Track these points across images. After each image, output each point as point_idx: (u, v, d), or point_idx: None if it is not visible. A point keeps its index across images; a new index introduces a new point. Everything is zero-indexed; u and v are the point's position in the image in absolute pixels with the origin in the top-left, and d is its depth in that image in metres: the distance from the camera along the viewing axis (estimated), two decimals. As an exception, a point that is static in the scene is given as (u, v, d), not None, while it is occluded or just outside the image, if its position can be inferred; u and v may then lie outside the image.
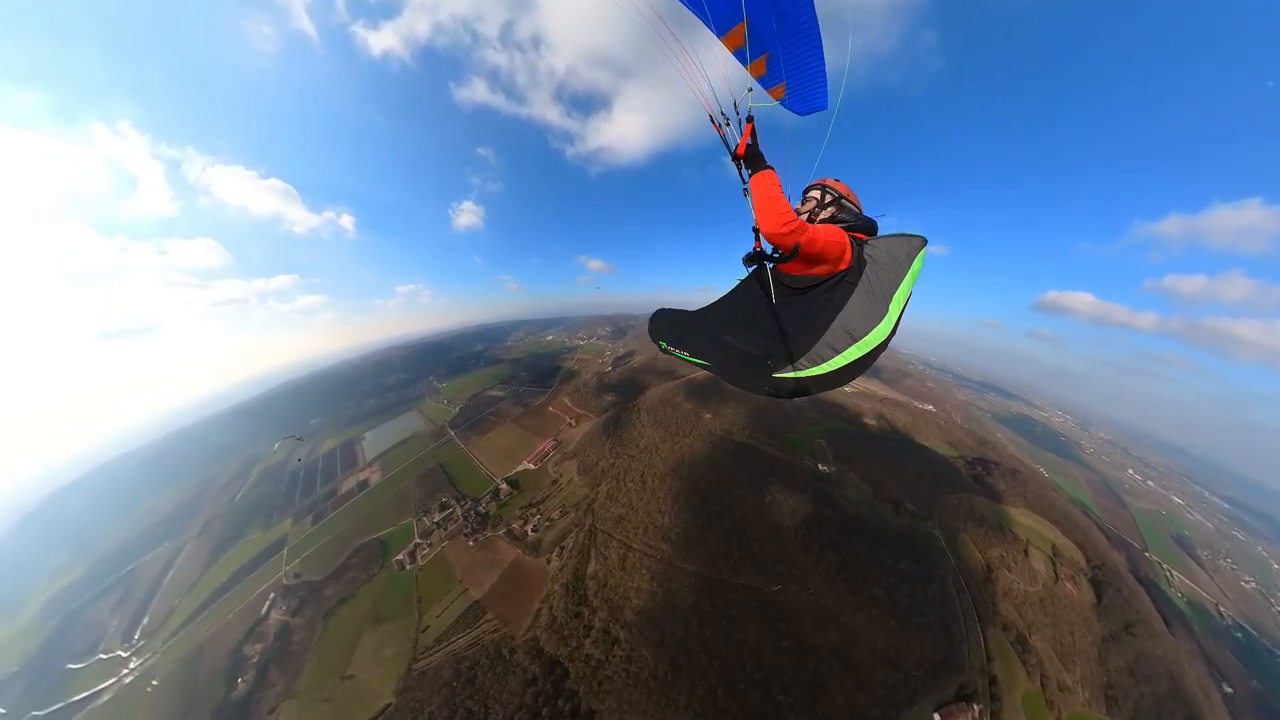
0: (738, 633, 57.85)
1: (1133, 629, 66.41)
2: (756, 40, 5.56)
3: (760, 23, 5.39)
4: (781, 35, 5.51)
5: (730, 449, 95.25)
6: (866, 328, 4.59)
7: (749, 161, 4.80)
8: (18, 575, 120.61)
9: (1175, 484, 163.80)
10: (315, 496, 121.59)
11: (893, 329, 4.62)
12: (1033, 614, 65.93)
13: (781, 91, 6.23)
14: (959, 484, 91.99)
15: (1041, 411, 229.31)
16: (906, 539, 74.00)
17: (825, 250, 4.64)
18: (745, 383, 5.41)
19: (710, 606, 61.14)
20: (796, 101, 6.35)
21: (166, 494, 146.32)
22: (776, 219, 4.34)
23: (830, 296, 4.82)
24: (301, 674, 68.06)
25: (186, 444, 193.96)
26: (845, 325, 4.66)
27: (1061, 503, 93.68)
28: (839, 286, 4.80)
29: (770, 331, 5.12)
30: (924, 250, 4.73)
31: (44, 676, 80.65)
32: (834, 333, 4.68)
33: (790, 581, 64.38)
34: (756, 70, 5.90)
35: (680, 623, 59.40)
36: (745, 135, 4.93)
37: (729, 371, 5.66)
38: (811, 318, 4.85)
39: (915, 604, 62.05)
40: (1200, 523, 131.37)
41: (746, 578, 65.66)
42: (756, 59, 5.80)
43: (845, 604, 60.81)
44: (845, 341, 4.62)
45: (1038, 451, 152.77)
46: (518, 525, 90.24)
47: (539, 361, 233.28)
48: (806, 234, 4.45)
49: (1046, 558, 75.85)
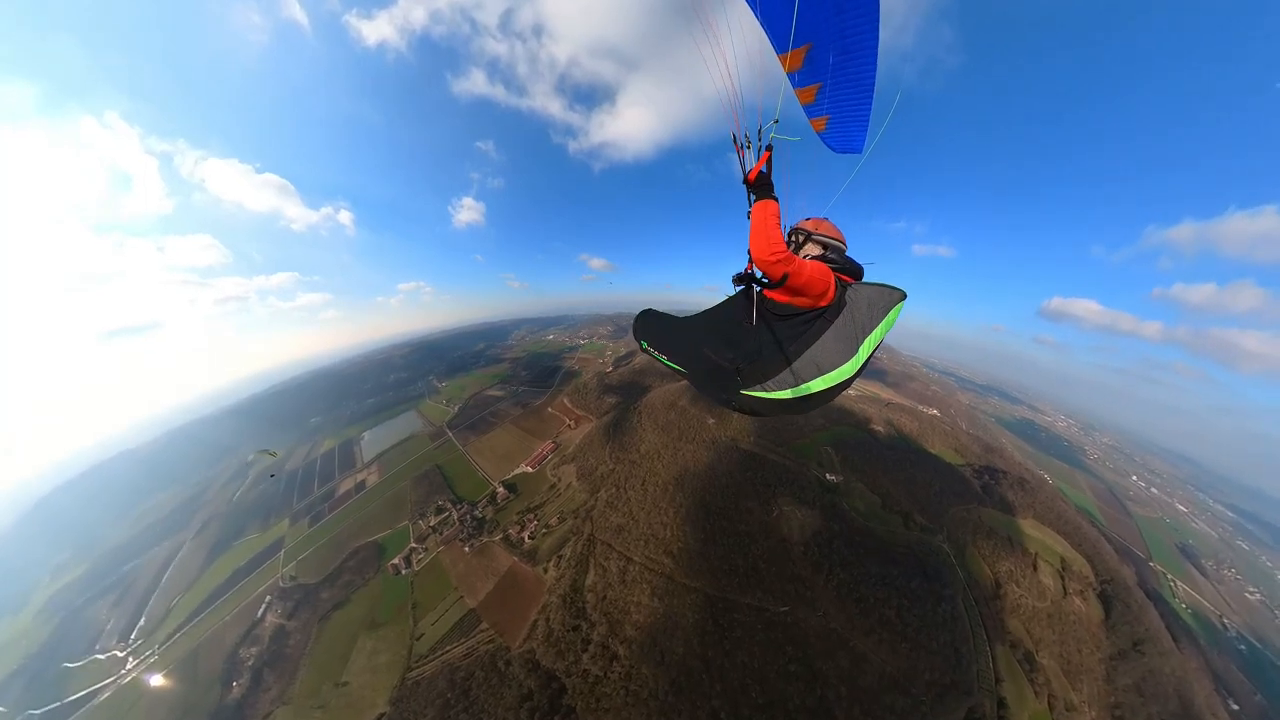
0: (742, 654, 56.30)
1: (1141, 646, 65.03)
2: (813, 68, 5.65)
3: (822, 52, 5.46)
4: (838, 71, 5.54)
5: (735, 457, 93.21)
6: (834, 364, 4.86)
7: (757, 187, 4.97)
8: (21, 573, 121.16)
9: (1179, 491, 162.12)
10: (313, 497, 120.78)
11: (858, 370, 4.87)
12: (1040, 630, 64.60)
13: (824, 124, 6.29)
14: (968, 494, 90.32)
15: (1045, 416, 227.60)
16: (917, 555, 72.28)
17: (809, 284, 4.83)
18: (712, 393, 5.74)
19: (714, 626, 59.45)
20: (835, 138, 6.38)
21: (166, 493, 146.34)
22: (767, 247, 4.54)
23: (808, 328, 5.06)
24: (296, 679, 67.32)
25: (187, 443, 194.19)
26: (815, 358, 4.93)
27: (1070, 514, 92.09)
28: (817, 321, 5.03)
29: (746, 350, 5.40)
30: (901, 304, 4.88)
31: (42, 675, 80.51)
32: (804, 363, 4.96)
33: (799, 602, 62.50)
34: (805, 97, 6.01)
35: (682, 641, 57.95)
36: (760, 162, 5.14)
37: (700, 380, 6.03)
38: (786, 345, 5.11)
39: (926, 625, 60.36)
40: (1205, 531, 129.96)
41: (753, 597, 63.64)
42: (809, 85, 5.88)
43: (855, 626, 59.11)
44: (812, 372, 4.92)
45: (1042, 457, 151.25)
46: (515, 531, 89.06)
47: (539, 361, 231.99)
48: (794, 265, 4.62)
49: (1055, 571, 74.45)
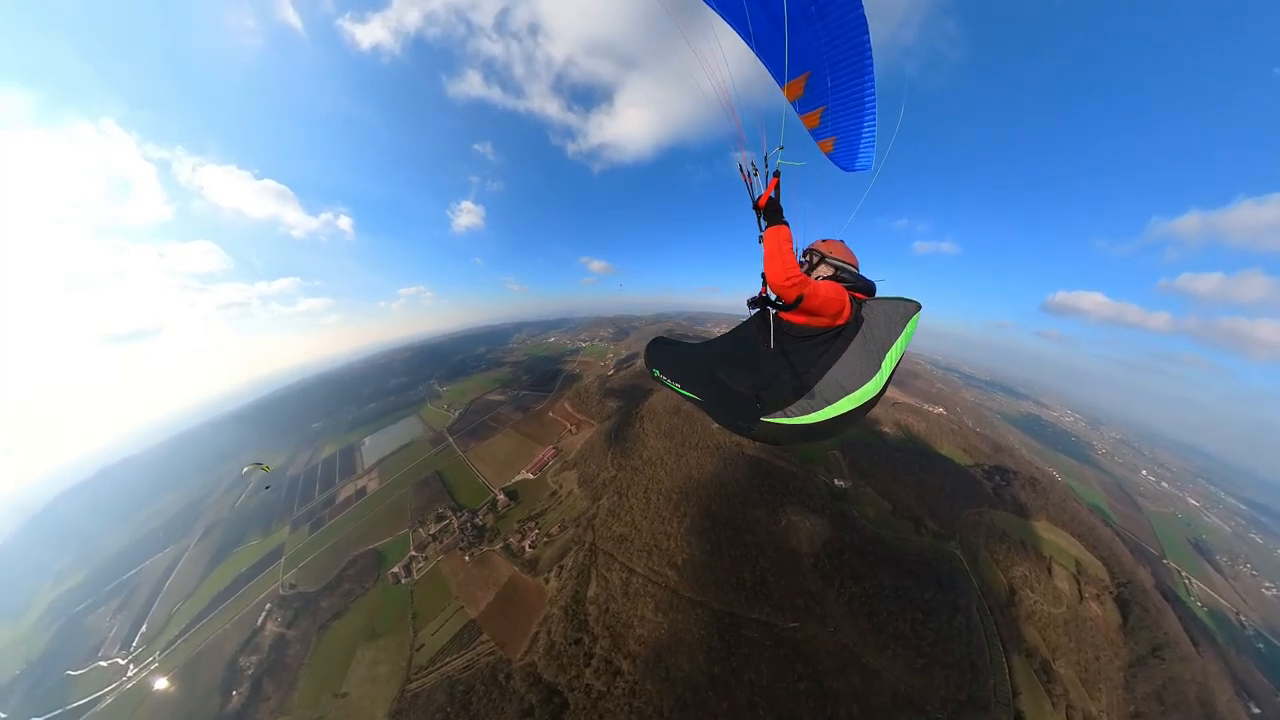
0: (750, 672, 54.43)
1: (1161, 652, 63.10)
2: (814, 94, 5.65)
3: (820, 78, 5.47)
4: (837, 94, 5.57)
5: (741, 463, 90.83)
6: (859, 382, 4.75)
7: (768, 213, 5.05)
8: (23, 578, 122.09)
9: (1191, 485, 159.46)
10: (314, 504, 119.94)
11: (883, 386, 4.81)
12: (1057, 638, 62.69)
13: (831, 146, 6.32)
14: (979, 497, 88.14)
15: (1051, 411, 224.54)
16: (930, 563, 70.22)
17: (825, 304, 4.87)
18: (730, 422, 5.56)
19: (720, 642, 57.52)
20: (843, 158, 6.41)
21: (169, 498, 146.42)
22: (782, 272, 4.58)
23: (827, 348, 5.00)
24: (295, 689, 66.40)
25: (190, 448, 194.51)
26: (838, 378, 4.82)
27: (1083, 514, 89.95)
28: (836, 340, 5.00)
29: (764, 374, 5.31)
30: (917, 314, 4.98)
31: (45, 682, 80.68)
32: (826, 384, 4.83)
33: (809, 617, 60.28)
34: (811, 121, 6.00)
35: (687, 657, 56.14)
36: (769, 189, 5.21)
37: (716, 408, 5.82)
38: (807, 366, 5.02)
39: (940, 639, 58.33)
40: (1218, 526, 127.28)
41: (761, 612, 61.43)
42: (813, 110, 5.87)
43: (867, 641, 57.01)
44: (838, 393, 4.78)
45: (1050, 453, 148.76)
46: (515, 540, 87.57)
47: (540, 364, 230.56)
48: (809, 288, 4.67)
49: (1070, 575, 72.44)
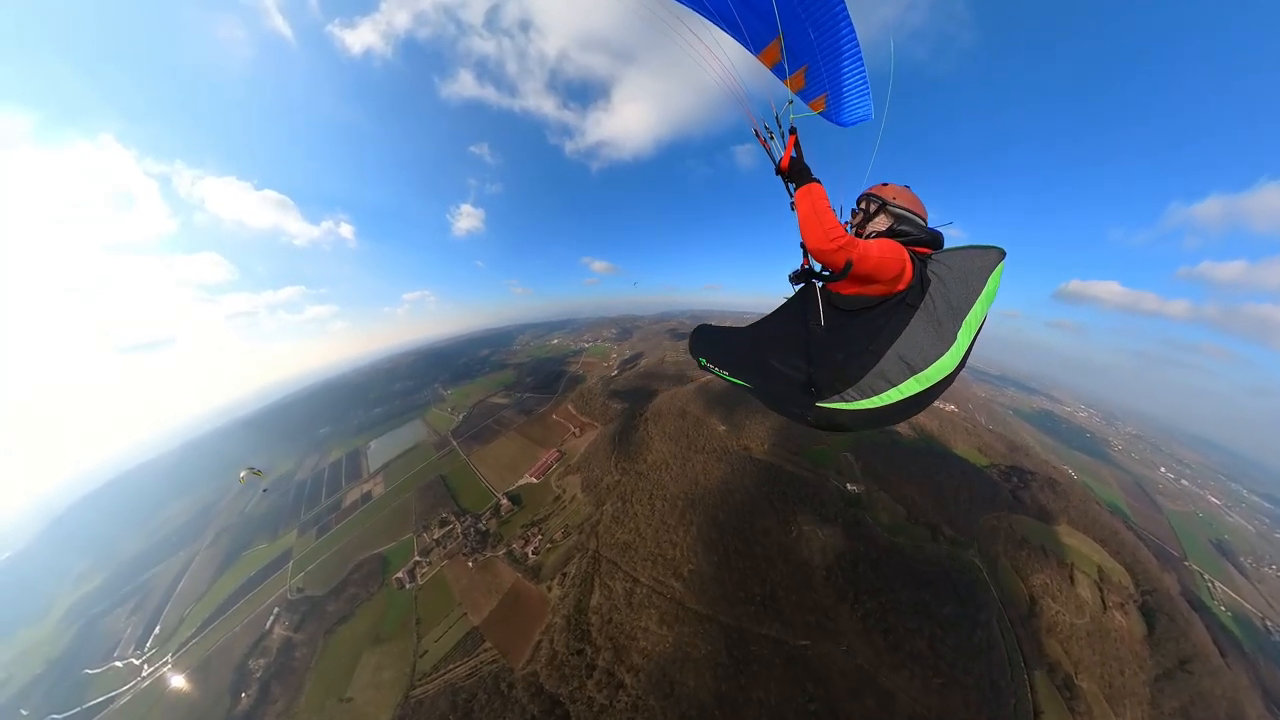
0: (758, 691, 52.49)
1: (1188, 665, 60.25)
2: (793, 55, 5.37)
3: (795, 37, 5.16)
4: (818, 47, 5.19)
5: (750, 469, 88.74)
6: (929, 359, 4.02)
7: (794, 175, 4.55)
8: (44, 582, 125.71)
9: (1211, 482, 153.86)
10: (320, 508, 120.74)
11: (961, 361, 4.07)
12: (1079, 650, 60.05)
13: (823, 104, 5.92)
14: (998, 501, 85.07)
15: (1065, 406, 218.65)
16: (949, 574, 67.41)
17: (879, 268, 4.09)
18: (786, 409, 5.01)
19: (727, 659, 55.63)
20: (839, 113, 6.01)
21: (181, 504, 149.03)
22: (823, 234, 3.96)
23: (887, 320, 4.22)
24: (302, 693, 66.73)
25: (201, 454, 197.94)
26: (903, 354, 4.07)
27: (1104, 517, 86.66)
28: (897, 309, 4.22)
29: (817, 356, 4.60)
30: (1001, 265, 4.15)
31: (64, 681, 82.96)
32: (889, 362, 4.08)
33: (821, 635, 57.68)
34: (796, 84, 5.71)
35: (692, 673, 54.45)
36: (789, 148, 4.78)
37: (770, 395, 5.25)
38: (864, 344, 4.24)
39: (960, 656, 55.77)
40: (1241, 525, 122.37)
41: (771, 629, 59.03)
42: (795, 72, 5.58)
43: (882, 661, 54.46)
44: (903, 374, 4.03)
45: (1065, 451, 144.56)
46: (518, 545, 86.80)
47: (544, 366, 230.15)
48: (857, 250, 3.95)
49: (1093, 583, 69.56)
